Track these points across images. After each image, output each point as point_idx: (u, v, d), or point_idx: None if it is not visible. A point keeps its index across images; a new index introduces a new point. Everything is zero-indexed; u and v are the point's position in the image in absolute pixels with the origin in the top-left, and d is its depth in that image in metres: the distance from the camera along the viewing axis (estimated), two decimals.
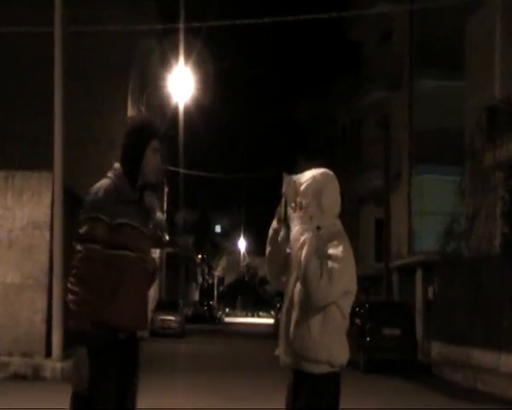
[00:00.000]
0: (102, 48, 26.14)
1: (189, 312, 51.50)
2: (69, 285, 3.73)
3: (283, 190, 3.99)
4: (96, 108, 25.33)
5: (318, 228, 3.93)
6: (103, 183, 3.90)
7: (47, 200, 14.45)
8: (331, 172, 4.08)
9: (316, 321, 3.77)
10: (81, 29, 16.65)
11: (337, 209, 4.10)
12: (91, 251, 3.72)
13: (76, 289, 3.67)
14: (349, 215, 36.91)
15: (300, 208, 3.94)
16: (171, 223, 51.35)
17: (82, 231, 3.76)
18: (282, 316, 3.96)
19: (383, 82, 30.80)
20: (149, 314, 37.54)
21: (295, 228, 3.88)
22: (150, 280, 4.09)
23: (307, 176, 4.02)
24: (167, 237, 44.77)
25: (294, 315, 3.84)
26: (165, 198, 51.24)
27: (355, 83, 33.97)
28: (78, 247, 3.75)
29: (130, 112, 30.36)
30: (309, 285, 3.71)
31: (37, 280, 14.17)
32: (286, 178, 4.01)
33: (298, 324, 3.80)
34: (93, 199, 3.82)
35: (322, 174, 4.03)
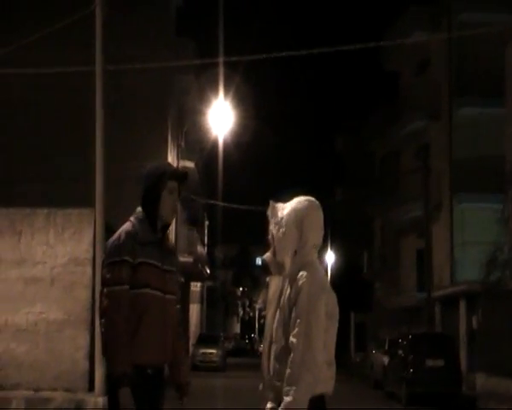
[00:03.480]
0: (140, 86, 26.56)
1: (230, 345, 51.42)
2: (104, 330, 3.90)
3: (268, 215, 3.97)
4: (135, 145, 25.71)
5: (295, 252, 3.87)
6: (124, 227, 4.13)
7: (88, 237, 14.62)
8: (315, 201, 3.94)
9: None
10: (119, 67, 16.93)
11: (317, 240, 3.92)
12: (120, 293, 3.90)
13: (112, 334, 3.85)
14: (389, 246, 36.65)
15: (272, 239, 3.94)
16: (211, 257, 51.46)
17: (109, 274, 3.95)
18: (264, 351, 3.97)
19: (421, 112, 30.68)
20: (191, 349, 37.57)
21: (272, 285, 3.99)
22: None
23: (290, 205, 3.93)
24: (208, 271, 44.88)
25: (273, 350, 3.85)
26: (206, 232, 51.50)
27: (392, 114, 33.90)
28: (107, 290, 3.93)
29: (170, 148, 30.71)
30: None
31: (79, 317, 14.32)
32: (270, 204, 3.98)
33: (277, 358, 3.81)
34: (116, 243, 4.03)
35: (303, 202, 3.90)
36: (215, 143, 37.19)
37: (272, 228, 3.96)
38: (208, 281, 50.00)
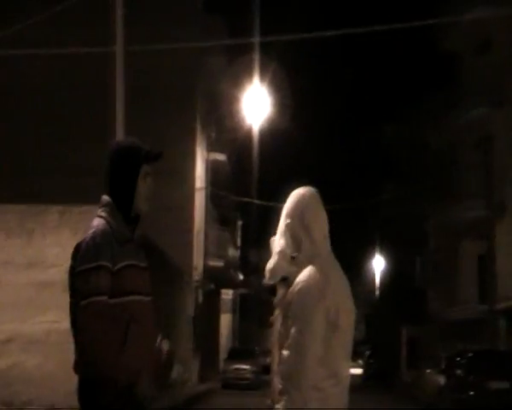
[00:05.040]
0: (165, 69, 26.53)
1: (265, 361, 51.23)
2: (86, 349, 3.71)
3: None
4: (159, 134, 25.64)
5: (292, 258, 3.88)
6: (97, 225, 3.85)
7: None
8: (310, 189, 3.99)
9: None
10: (142, 48, 16.89)
11: (324, 230, 3.95)
12: (100, 305, 3.68)
13: (98, 349, 3.66)
14: (445, 251, 36.22)
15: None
16: (244, 261, 51.43)
17: (85, 284, 3.71)
18: (272, 363, 3.98)
19: (483, 98, 30.29)
20: (221, 363, 37.53)
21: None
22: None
23: (285, 208, 3.98)
24: (241, 277, 44.85)
25: (276, 359, 3.88)
26: (239, 233, 51.46)
27: (449, 101, 33.54)
28: (84, 302, 3.69)
29: (199, 138, 30.69)
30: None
31: None
32: (271, 241, 4.04)
33: (276, 372, 3.84)
34: (91, 246, 3.75)
35: (299, 195, 3.96)
36: (249, 134, 37.11)
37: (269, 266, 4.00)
38: (241, 288, 49.94)
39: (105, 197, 3.94)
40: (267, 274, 3.98)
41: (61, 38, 21.48)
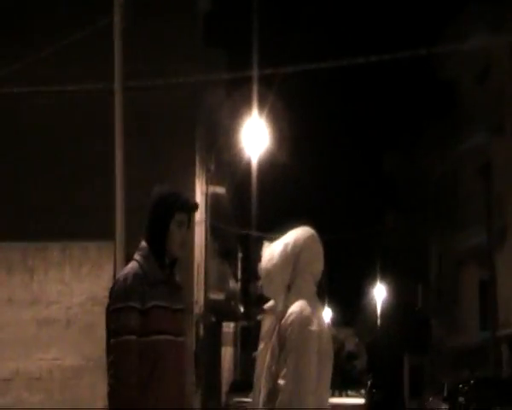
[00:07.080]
0: (165, 103, 26.73)
1: None
2: (111, 388, 3.90)
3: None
4: (160, 168, 25.86)
5: (289, 287, 3.98)
6: (130, 268, 4.14)
7: (108, 272, 14.69)
8: (313, 231, 4.10)
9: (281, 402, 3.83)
10: (141, 84, 17.10)
11: (315, 271, 4.06)
12: (128, 344, 3.92)
13: (122, 391, 3.87)
14: (447, 278, 36.26)
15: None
16: (245, 293, 51.40)
17: (116, 323, 3.98)
18: (255, 396, 4.03)
19: (483, 125, 30.44)
20: (223, 397, 37.45)
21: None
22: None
23: (285, 238, 4.10)
24: (242, 309, 44.78)
25: (262, 395, 3.94)
26: (239, 265, 51.45)
27: (449, 128, 33.71)
28: (113, 341, 3.94)
29: (199, 171, 30.88)
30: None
31: (98, 362, 14.31)
32: (265, 244, 4.19)
33: (265, 404, 3.89)
34: (123, 287, 4.04)
35: (301, 233, 4.08)
36: (248, 166, 37.29)
37: (264, 265, 4.10)
38: (242, 320, 49.88)
39: (142, 242, 4.20)
40: (264, 275, 4.04)
41: (63, 75, 21.67)
